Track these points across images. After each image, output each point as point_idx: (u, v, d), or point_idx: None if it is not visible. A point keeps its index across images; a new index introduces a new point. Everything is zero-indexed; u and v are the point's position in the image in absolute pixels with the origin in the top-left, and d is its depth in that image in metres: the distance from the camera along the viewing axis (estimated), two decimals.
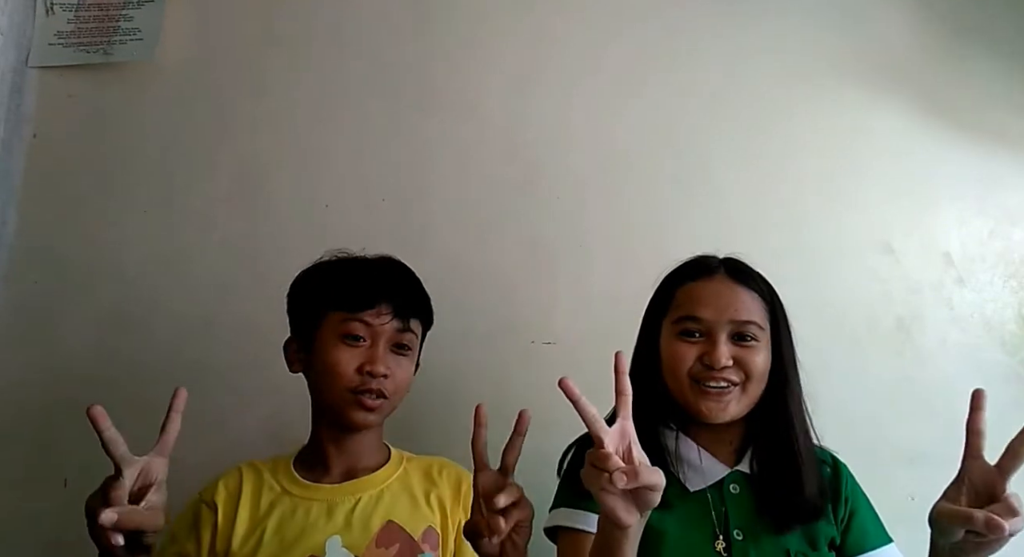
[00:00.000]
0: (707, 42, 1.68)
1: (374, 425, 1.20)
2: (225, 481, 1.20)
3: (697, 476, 1.14)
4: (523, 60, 1.68)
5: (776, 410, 1.16)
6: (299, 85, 1.66)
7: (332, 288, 1.20)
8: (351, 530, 1.13)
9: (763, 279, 1.19)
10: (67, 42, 1.67)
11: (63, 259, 1.59)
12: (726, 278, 1.17)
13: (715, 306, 1.14)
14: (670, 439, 1.16)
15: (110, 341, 1.56)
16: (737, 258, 1.22)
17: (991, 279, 1.63)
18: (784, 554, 1.09)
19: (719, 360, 1.11)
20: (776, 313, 1.18)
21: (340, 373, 1.15)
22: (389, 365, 1.16)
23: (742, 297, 1.15)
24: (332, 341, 1.17)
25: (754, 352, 1.13)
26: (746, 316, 1.13)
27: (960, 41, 1.69)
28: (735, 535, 1.10)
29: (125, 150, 1.64)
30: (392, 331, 1.18)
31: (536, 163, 1.64)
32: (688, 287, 1.18)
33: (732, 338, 1.13)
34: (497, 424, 1.47)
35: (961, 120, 1.67)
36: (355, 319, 1.16)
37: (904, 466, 1.51)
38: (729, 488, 1.14)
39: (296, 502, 1.17)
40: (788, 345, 1.18)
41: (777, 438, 1.15)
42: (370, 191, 1.62)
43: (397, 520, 1.15)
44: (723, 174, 1.64)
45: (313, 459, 1.22)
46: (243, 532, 1.14)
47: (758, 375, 1.13)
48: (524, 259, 1.60)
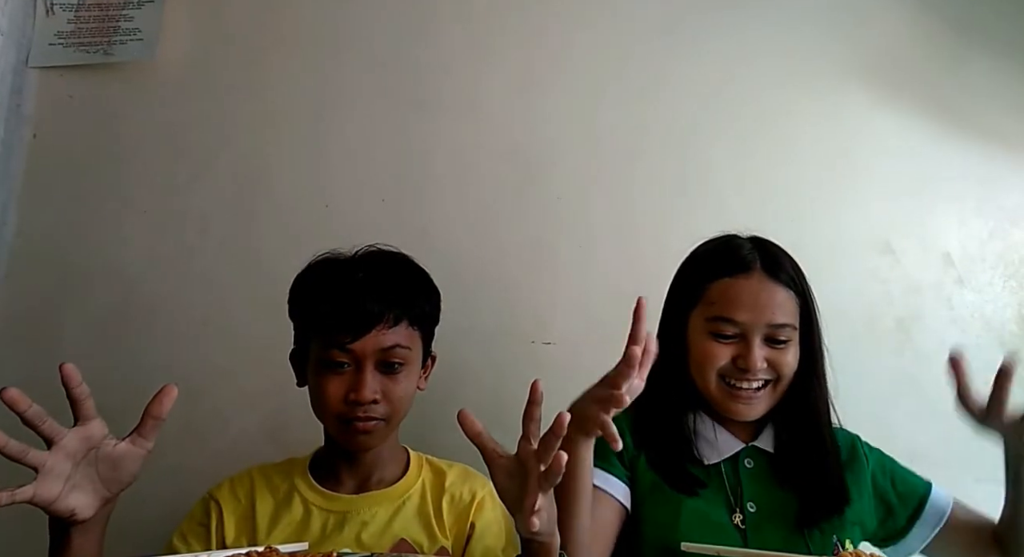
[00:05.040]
0: (707, 42, 1.68)
1: (376, 446, 1.15)
2: (233, 483, 1.18)
3: (712, 450, 1.16)
4: (523, 60, 1.67)
5: (803, 399, 1.17)
6: (299, 85, 1.66)
7: (309, 313, 1.14)
8: (363, 545, 1.10)
9: (794, 267, 1.17)
10: (67, 42, 1.67)
11: (63, 259, 1.59)
12: (763, 277, 1.14)
13: (752, 309, 1.12)
14: (688, 419, 1.18)
15: (110, 341, 1.56)
16: (768, 244, 1.19)
17: (991, 279, 1.63)
18: (798, 528, 1.11)
19: (755, 365, 1.11)
20: (807, 304, 1.16)
21: (326, 403, 1.11)
22: (378, 388, 1.10)
23: (778, 298, 1.13)
24: (317, 367, 1.12)
25: (785, 353, 1.13)
26: (782, 319, 1.12)
27: (960, 41, 1.69)
28: (749, 507, 1.12)
29: (125, 150, 1.64)
30: (375, 352, 1.09)
31: (536, 163, 1.64)
32: (723, 284, 1.14)
33: (765, 340, 1.13)
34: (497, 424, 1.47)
35: (961, 120, 1.67)
36: (333, 347, 1.09)
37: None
38: (744, 462, 1.16)
39: (310, 509, 1.14)
40: (817, 335, 1.18)
41: (804, 429, 1.16)
42: (370, 191, 1.62)
43: (410, 539, 1.12)
44: (723, 174, 1.63)
45: (328, 467, 1.19)
46: (256, 539, 1.12)
47: (788, 373, 1.14)
48: (524, 259, 1.60)
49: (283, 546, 0.95)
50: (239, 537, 1.13)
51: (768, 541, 1.09)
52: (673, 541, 1.05)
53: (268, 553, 0.92)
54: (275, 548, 0.93)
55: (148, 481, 1.43)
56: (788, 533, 1.11)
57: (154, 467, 1.45)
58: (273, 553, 0.92)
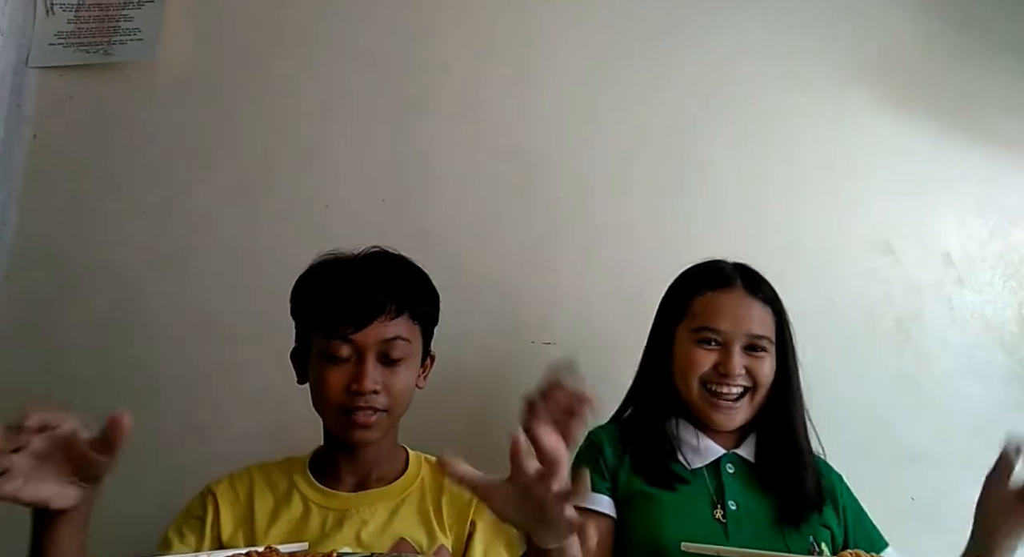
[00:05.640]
0: (707, 42, 1.68)
1: (375, 441, 1.15)
2: (233, 479, 1.18)
3: (696, 456, 1.24)
4: (523, 60, 1.67)
5: (780, 410, 1.25)
6: (299, 85, 1.66)
7: (312, 307, 1.16)
8: (363, 544, 1.10)
9: (772, 289, 1.27)
10: (67, 42, 1.67)
11: (63, 259, 1.59)
12: (743, 291, 1.24)
13: (732, 319, 1.22)
14: (672, 425, 1.26)
15: (110, 340, 1.56)
16: (748, 267, 1.28)
17: (991, 279, 1.63)
18: (776, 526, 1.18)
19: (733, 370, 1.21)
20: (782, 323, 1.26)
21: (327, 394, 1.12)
22: (380, 379, 1.11)
23: (757, 311, 1.24)
24: (319, 360, 1.13)
25: (763, 362, 1.23)
26: (759, 330, 1.23)
27: (960, 41, 1.69)
28: (730, 506, 1.19)
29: (125, 150, 1.64)
30: (377, 343, 1.11)
31: (536, 163, 1.63)
32: (706, 298, 1.25)
33: (744, 349, 1.22)
34: (497, 423, 1.47)
35: (961, 120, 1.67)
36: (336, 338, 1.11)
37: (904, 466, 1.51)
38: (725, 467, 1.24)
39: (309, 507, 1.14)
40: (792, 352, 1.27)
41: (781, 436, 1.25)
42: (370, 191, 1.62)
43: (410, 538, 1.12)
44: (723, 174, 1.63)
45: (327, 465, 1.19)
46: (254, 536, 1.12)
47: (765, 382, 1.23)
48: (524, 259, 1.60)
49: (283, 546, 0.95)
50: (236, 533, 1.13)
51: (748, 536, 1.16)
52: (656, 537, 1.15)
53: (268, 553, 0.92)
54: (275, 548, 0.93)
55: (147, 480, 1.45)
56: (767, 529, 1.18)
57: (154, 466, 1.47)
58: (273, 553, 0.92)
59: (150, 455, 1.48)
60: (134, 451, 1.37)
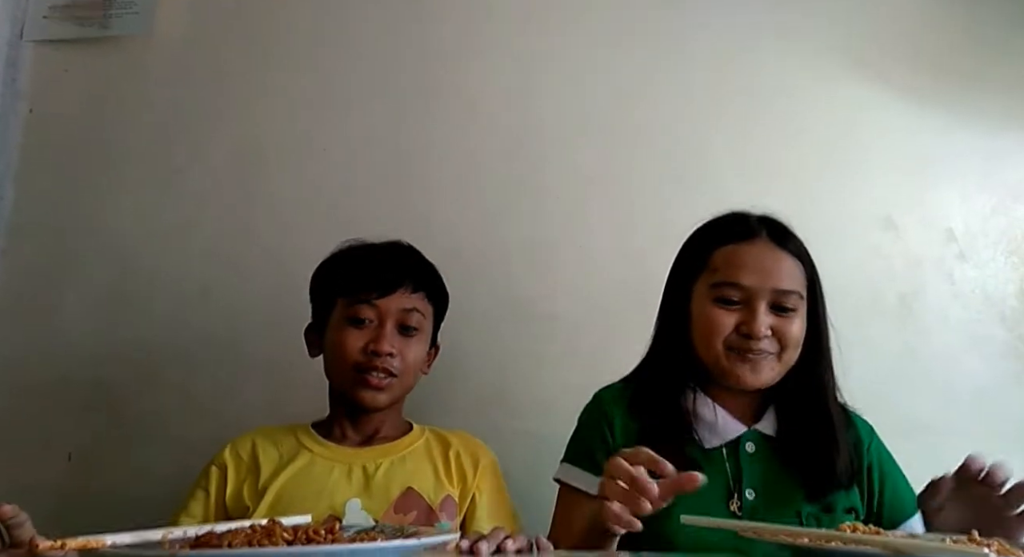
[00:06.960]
0: (707, 16, 1.66)
1: (384, 405, 1.20)
2: (235, 444, 1.21)
3: (713, 435, 1.10)
4: (524, 57, 1.65)
5: (809, 377, 1.13)
6: (297, 62, 1.64)
7: (339, 275, 1.23)
8: (371, 494, 1.15)
9: (800, 242, 1.14)
10: (62, 15, 1.65)
11: (60, 234, 1.59)
12: (768, 242, 1.11)
13: (757, 273, 1.08)
14: (688, 398, 1.12)
15: (109, 316, 1.56)
16: (774, 218, 1.16)
17: (993, 255, 1.62)
18: (796, 516, 1.06)
19: (759, 331, 1.06)
20: (814, 279, 1.13)
21: (346, 353, 1.17)
22: (396, 344, 1.18)
23: (785, 264, 1.10)
24: (340, 324, 1.20)
25: (791, 322, 1.09)
26: (788, 285, 1.09)
27: (964, 17, 1.67)
28: (747, 495, 1.08)
29: (122, 124, 1.63)
30: (397, 311, 1.19)
31: (536, 152, 1.60)
32: (727, 250, 1.11)
33: (771, 307, 1.08)
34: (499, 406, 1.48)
35: (964, 96, 1.65)
36: (360, 302, 1.18)
37: (905, 439, 1.51)
38: (745, 447, 1.11)
39: (315, 459, 1.18)
40: (823, 311, 1.14)
41: (809, 405, 1.12)
42: (368, 167, 1.60)
43: (417, 487, 1.17)
44: (724, 151, 1.62)
45: (333, 427, 1.23)
46: (259, 486, 1.15)
47: (794, 344, 1.10)
48: (525, 249, 1.57)
49: (286, 519, 0.95)
50: (241, 487, 1.16)
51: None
52: (665, 528, 0.97)
53: (271, 526, 0.92)
54: (278, 521, 0.93)
55: (151, 453, 1.45)
56: (786, 522, 1.02)
57: (157, 439, 1.48)
58: (276, 526, 0.92)
59: (149, 429, 1.49)
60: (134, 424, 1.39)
